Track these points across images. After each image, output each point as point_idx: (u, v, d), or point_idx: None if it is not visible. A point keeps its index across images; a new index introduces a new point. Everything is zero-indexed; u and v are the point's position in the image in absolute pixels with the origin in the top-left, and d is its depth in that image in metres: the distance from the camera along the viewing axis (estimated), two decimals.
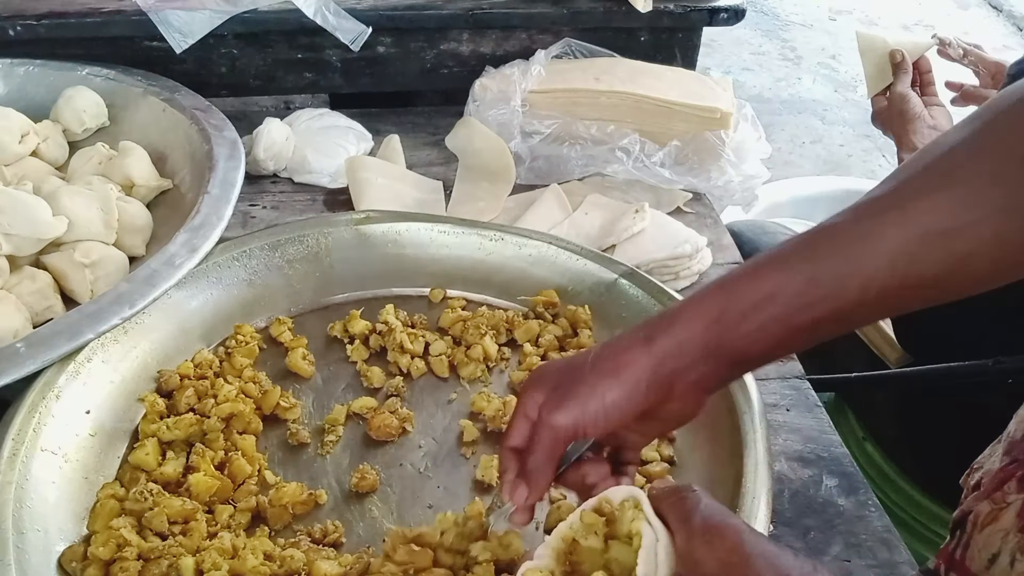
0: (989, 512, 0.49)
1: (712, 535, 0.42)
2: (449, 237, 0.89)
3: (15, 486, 0.62)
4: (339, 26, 1.10)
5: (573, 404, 0.52)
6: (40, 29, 1.07)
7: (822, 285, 0.47)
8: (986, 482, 0.52)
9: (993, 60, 1.22)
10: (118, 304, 0.72)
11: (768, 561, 0.40)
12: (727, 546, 0.41)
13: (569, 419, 0.52)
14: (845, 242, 0.48)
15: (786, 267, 0.49)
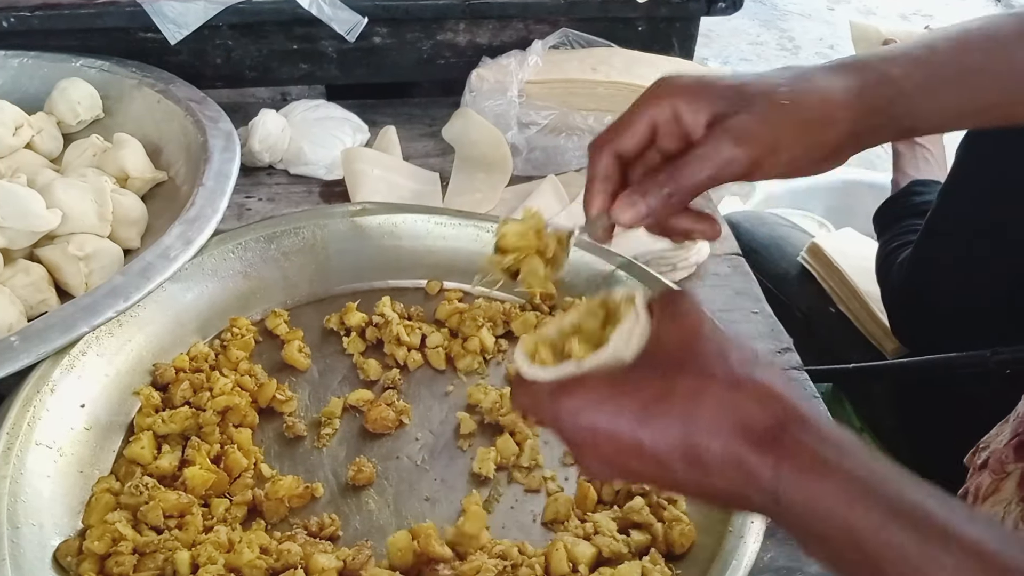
0: (990, 483, 0.49)
1: (679, 318, 0.44)
2: (446, 229, 0.88)
3: (9, 480, 0.61)
4: (335, 16, 1.09)
5: (756, 145, 0.47)
6: (34, 20, 1.06)
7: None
8: (992, 460, 0.52)
9: None
10: (113, 297, 0.71)
11: (717, 344, 0.42)
12: (687, 326, 0.43)
13: (745, 159, 0.47)
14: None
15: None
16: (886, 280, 1.02)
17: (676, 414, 0.40)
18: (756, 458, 0.39)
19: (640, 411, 0.41)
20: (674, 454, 0.40)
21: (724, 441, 0.39)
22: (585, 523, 0.66)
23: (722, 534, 0.62)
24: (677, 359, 0.42)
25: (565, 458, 0.73)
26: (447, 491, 0.70)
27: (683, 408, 0.40)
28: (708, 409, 0.40)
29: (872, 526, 0.36)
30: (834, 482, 0.37)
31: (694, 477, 0.40)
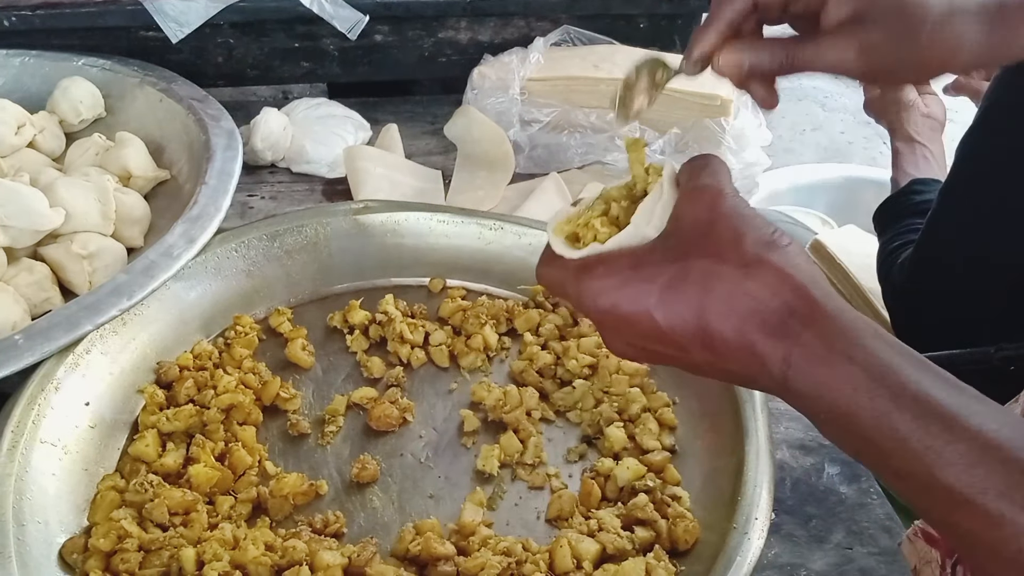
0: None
1: (697, 193, 0.44)
2: (448, 226, 0.88)
3: (15, 478, 0.61)
4: (336, 14, 1.10)
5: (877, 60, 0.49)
6: (35, 20, 1.06)
7: None
8: None
9: None
10: (116, 295, 0.72)
11: (731, 223, 0.42)
12: (704, 203, 0.43)
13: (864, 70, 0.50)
14: None
15: None
16: (887, 279, 1.02)
17: (690, 298, 0.41)
18: (767, 345, 0.39)
19: (657, 295, 0.41)
20: (689, 337, 0.41)
21: (735, 327, 0.40)
22: (589, 520, 0.66)
23: (726, 531, 0.62)
24: (694, 239, 0.42)
25: (569, 455, 0.73)
26: (451, 488, 0.70)
27: (696, 293, 0.41)
28: (720, 294, 0.40)
29: (875, 415, 0.36)
30: (841, 371, 0.37)
31: (709, 359, 0.41)
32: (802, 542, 0.69)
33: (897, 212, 1.06)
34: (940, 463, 0.35)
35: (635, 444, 0.72)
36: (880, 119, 1.21)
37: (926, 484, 0.36)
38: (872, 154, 2.73)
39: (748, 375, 0.41)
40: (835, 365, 0.38)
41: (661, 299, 0.41)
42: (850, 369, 0.37)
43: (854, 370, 0.37)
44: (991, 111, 0.86)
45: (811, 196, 1.82)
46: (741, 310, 0.40)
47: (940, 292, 0.93)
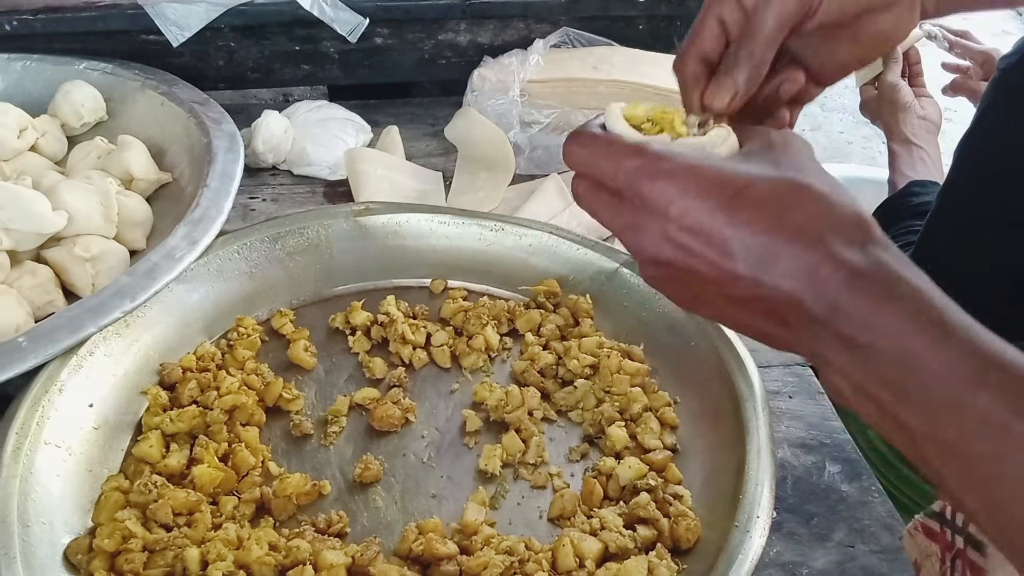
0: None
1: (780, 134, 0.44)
2: (449, 228, 0.89)
3: (19, 479, 0.62)
4: (336, 17, 1.10)
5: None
6: (36, 24, 1.07)
7: None
8: None
9: (980, 50, 1.22)
10: (119, 297, 0.72)
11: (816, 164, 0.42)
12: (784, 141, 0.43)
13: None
14: None
15: None
16: None
17: (770, 206, 0.39)
18: (832, 264, 0.38)
19: (732, 193, 0.40)
20: (749, 244, 0.39)
21: (806, 242, 0.38)
22: (591, 519, 0.66)
23: (728, 529, 0.62)
24: (775, 160, 0.41)
25: (571, 455, 0.74)
26: (453, 488, 0.70)
27: (780, 202, 0.39)
28: (804, 211, 0.39)
29: (928, 340, 0.36)
30: (903, 299, 0.37)
31: (754, 272, 0.39)
32: (804, 540, 0.69)
33: (895, 214, 1.06)
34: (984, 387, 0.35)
35: (637, 443, 0.72)
36: (876, 120, 1.21)
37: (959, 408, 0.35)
38: (871, 154, 2.73)
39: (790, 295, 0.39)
40: (898, 296, 0.37)
41: (735, 199, 0.39)
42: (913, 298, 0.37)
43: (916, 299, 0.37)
44: (989, 112, 0.86)
45: None
46: (818, 229, 0.39)
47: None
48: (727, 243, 0.39)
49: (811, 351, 0.41)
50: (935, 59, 1.25)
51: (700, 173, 0.40)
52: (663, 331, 0.80)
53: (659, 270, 0.43)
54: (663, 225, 0.41)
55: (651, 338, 0.80)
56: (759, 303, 0.40)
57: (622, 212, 0.43)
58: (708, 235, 0.40)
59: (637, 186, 0.41)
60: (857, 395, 0.39)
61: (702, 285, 0.41)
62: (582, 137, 0.45)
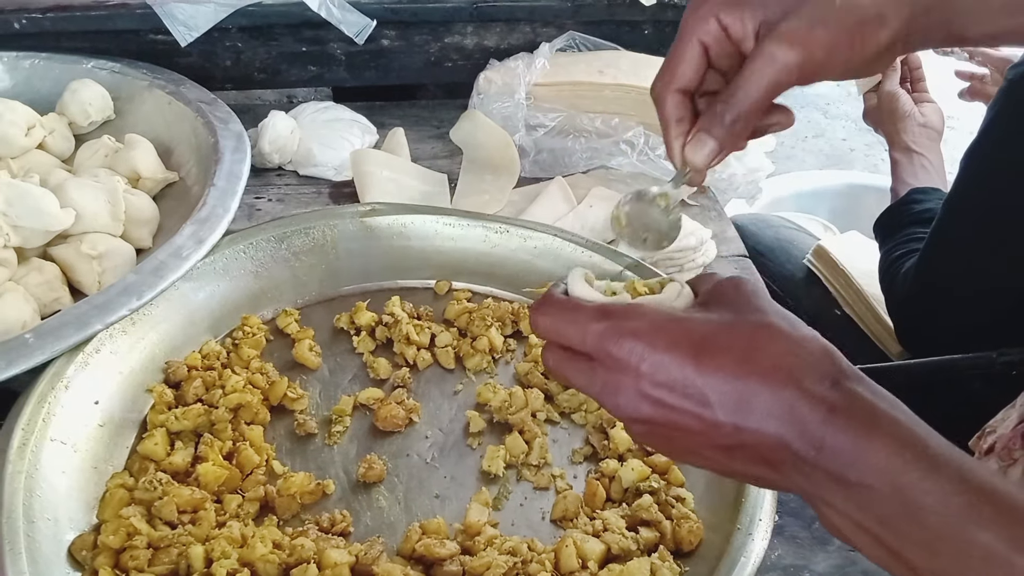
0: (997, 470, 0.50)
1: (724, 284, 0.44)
2: (454, 229, 0.89)
3: (25, 475, 0.62)
4: (343, 19, 1.10)
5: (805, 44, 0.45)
6: (45, 22, 1.07)
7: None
8: (999, 446, 0.53)
9: (999, 56, 1.22)
10: (126, 295, 0.72)
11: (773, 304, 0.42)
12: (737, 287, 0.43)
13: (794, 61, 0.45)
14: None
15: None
16: (890, 289, 1.03)
17: (736, 350, 0.40)
18: (809, 402, 0.38)
19: (698, 342, 0.40)
20: (723, 390, 0.39)
21: (780, 381, 0.39)
22: (594, 520, 0.67)
23: (730, 532, 0.62)
24: (732, 305, 0.42)
25: (574, 456, 0.74)
26: (457, 488, 0.71)
27: (746, 345, 0.40)
28: (770, 351, 0.39)
29: (918, 475, 0.36)
30: (885, 432, 0.37)
31: (734, 419, 0.39)
32: (805, 544, 0.69)
33: (898, 221, 1.07)
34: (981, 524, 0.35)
35: (639, 445, 0.72)
36: (878, 129, 1.22)
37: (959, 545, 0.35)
38: (874, 161, 2.73)
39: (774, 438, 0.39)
40: (878, 427, 0.37)
41: (702, 346, 0.40)
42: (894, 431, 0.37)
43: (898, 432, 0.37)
44: (997, 122, 0.87)
45: (813, 202, 1.83)
46: (788, 368, 0.39)
47: (944, 299, 0.93)
48: (702, 393, 0.40)
49: (804, 491, 0.40)
50: (950, 66, 1.25)
51: (664, 327, 0.41)
52: None
53: (642, 427, 0.43)
54: (637, 383, 0.41)
55: None
56: (744, 449, 0.40)
57: (595, 376, 0.43)
58: (683, 387, 0.40)
59: (606, 348, 0.41)
60: (857, 533, 0.39)
61: (687, 436, 0.41)
62: (546, 305, 0.45)
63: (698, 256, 0.94)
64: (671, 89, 0.48)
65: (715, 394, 0.39)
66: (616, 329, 0.41)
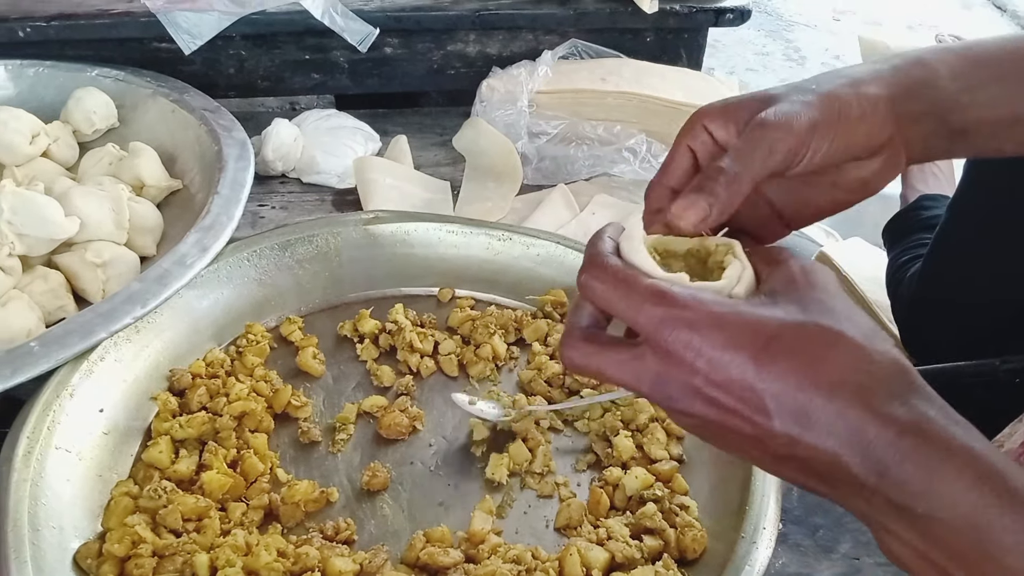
0: None
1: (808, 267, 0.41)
2: (457, 237, 0.89)
3: (30, 483, 0.62)
4: (347, 27, 1.11)
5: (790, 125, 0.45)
6: (50, 30, 1.08)
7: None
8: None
9: None
10: (130, 303, 0.72)
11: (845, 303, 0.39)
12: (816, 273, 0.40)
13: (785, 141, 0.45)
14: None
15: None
16: (896, 293, 1.03)
17: (802, 357, 0.37)
18: (876, 423, 0.35)
19: (762, 344, 0.37)
20: (784, 399, 0.37)
21: (846, 397, 0.36)
22: (598, 528, 0.67)
23: (734, 540, 0.62)
24: (801, 301, 0.39)
25: (577, 464, 0.74)
26: (460, 496, 0.71)
27: (813, 353, 0.37)
28: (837, 361, 0.37)
29: (997, 512, 0.34)
30: (960, 463, 0.34)
31: (791, 431, 0.37)
32: (809, 552, 0.69)
33: (906, 227, 1.07)
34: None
35: (643, 453, 0.72)
36: None
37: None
38: None
39: (832, 456, 0.36)
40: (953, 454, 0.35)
41: (765, 351, 0.37)
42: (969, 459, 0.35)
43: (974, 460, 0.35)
44: None
45: None
46: (856, 382, 0.36)
47: (949, 305, 0.94)
48: (760, 398, 0.37)
49: (862, 513, 0.38)
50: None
51: (726, 323, 0.38)
52: None
53: (692, 421, 0.40)
54: (691, 379, 0.39)
55: None
56: (797, 461, 0.38)
57: (644, 365, 0.40)
58: (740, 390, 0.38)
59: (662, 336, 0.39)
60: (921, 565, 0.36)
61: (739, 439, 0.39)
62: (598, 269, 0.42)
63: None
64: (658, 185, 0.49)
65: (774, 402, 0.37)
66: (675, 319, 0.38)
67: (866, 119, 0.47)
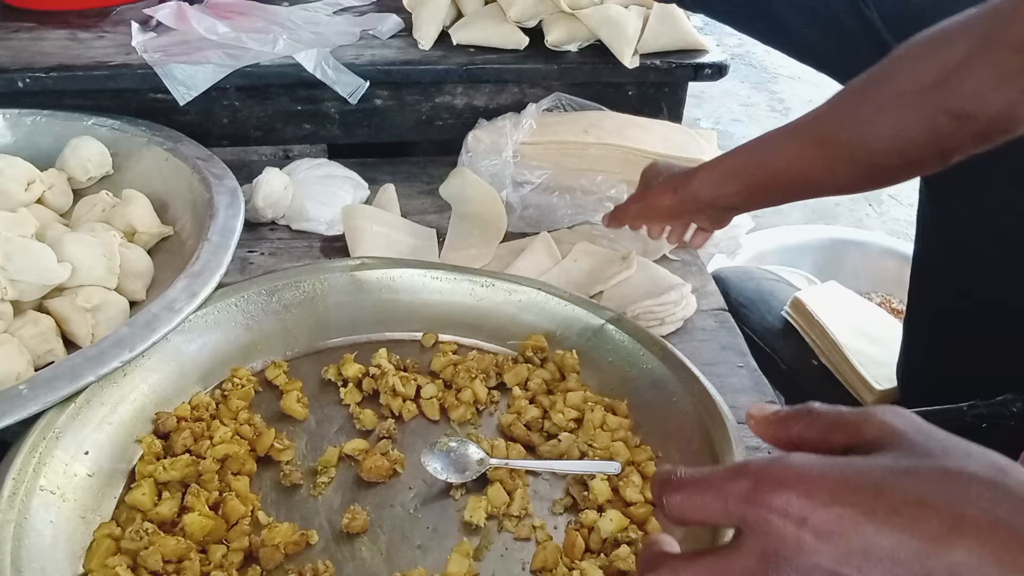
0: None
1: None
2: (442, 283, 0.91)
3: (14, 525, 0.63)
4: (338, 80, 1.14)
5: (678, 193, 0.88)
6: (48, 81, 1.11)
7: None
8: None
9: None
10: (119, 347, 0.74)
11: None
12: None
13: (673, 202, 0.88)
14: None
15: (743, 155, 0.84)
16: None
17: (931, 506, 0.31)
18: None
19: (874, 496, 0.32)
20: (923, 558, 0.31)
21: (1002, 545, 0.30)
22: (573, 571, 0.68)
23: None
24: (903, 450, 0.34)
25: (554, 507, 0.75)
26: (439, 539, 0.72)
27: (942, 500, 0.31)
28: (977, 504, 0.31)
29: None
30: None
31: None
32: None
33: None
34: None
35: (618, 496, 0.74)
36: None
37: None
38: (858, 216, 2.78)
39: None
40: None
41: (877, 497, 0.32)
42: None
43: None
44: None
45: (798, 256, 1.87)
46: (1008, 527, 0.30)
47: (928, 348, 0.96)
48: (894, 563, 0.31)
49: None
50: None
51: (824, 475, 0.33)
52: (647, 387, 0.82)
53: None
54: (804, 555, 0.33)
55: (636, 393, 0.82)
56: None
57: (745, 562, 0.35)
58: (864, 557, 0.31)
59: (754, 512, 0.34)
60: None
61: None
62: (672, 483, 0.38)
63: (678, 310, 0.96)
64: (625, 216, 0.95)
65: (911, 561, 0.31)
66: (763, 483, 0.34)
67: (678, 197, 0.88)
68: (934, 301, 0.97)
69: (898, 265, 1.79)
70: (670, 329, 0.95)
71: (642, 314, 0.94)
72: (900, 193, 2.87)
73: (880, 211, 2.81)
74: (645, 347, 0.84)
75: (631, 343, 0.85)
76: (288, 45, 1.15)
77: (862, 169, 0.73)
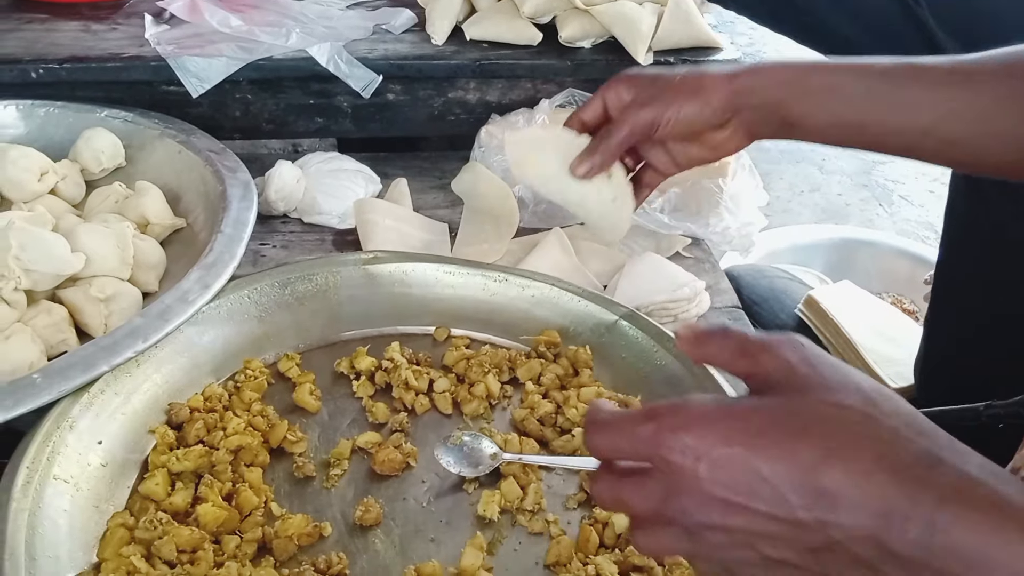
0: None
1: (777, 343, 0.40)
2: (454, 278, 0.91)
3: (28, 513, 0.63)
4: (351, 74, 1.14)
5: (657, 106, 0.69)
6: (62, 72, 1.11)
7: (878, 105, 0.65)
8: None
9: None
10: (132, 338, 0.74)
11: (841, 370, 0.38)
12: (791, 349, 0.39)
13: (649, 116, 0.69)
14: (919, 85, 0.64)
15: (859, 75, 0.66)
16: None
17: (803, 436, 0.35)
18: (907, 493, 0.33)
19: (755, 432, 0.36)
20: (796, 483, 0.35)
21: (866, 469, 0.34)
22: (587, 566, 0.67)
23: None
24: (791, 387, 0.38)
25: (568, 502, 0.75)
26: (452, 533, 0.71)
27: (816, 432, 0.35)
28: (846, 433, 0.35)
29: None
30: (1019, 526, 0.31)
31: (817, 515, 0.34)
32: None
33: None
34: None
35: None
36: None
37: None
38: (869, 215, 2.77)
39: (867, 534, 0.34)
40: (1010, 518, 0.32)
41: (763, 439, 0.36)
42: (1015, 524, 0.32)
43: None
44: None
45: (809, 255, 1.86)
46: (874, 451, 0.34)
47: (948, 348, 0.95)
48: (773, 488, 0.35)
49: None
50: None
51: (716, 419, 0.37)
52: (661, 383, 0.82)
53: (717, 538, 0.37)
54: (698, 485, 0.37)
55: (649, 389, 0.82)
56: (834, 552, 0.35)
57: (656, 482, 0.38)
58: (749, 484, 0.35)
59: (660, 452, 0.38)
60: None
61: (771, 543, 0.36)
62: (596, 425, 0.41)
63: (692, 307, 0.96)
64: (576, 116, 0.76)
65: (788, 488, 0.35)
66: (666, 428, 0.37)
67: (709, 102, 0.68)
68: (959, 300, 0.96)
69: (910, 266, 1.78)
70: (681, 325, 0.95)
71: (655, 310, 0.94)
72: (911, 194, 2.86)
73: (891, 211, 2.80)
74: (659, 343, 0.83)
75: (645, 339, 0.85)
76: (301, 39, 1.14)
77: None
